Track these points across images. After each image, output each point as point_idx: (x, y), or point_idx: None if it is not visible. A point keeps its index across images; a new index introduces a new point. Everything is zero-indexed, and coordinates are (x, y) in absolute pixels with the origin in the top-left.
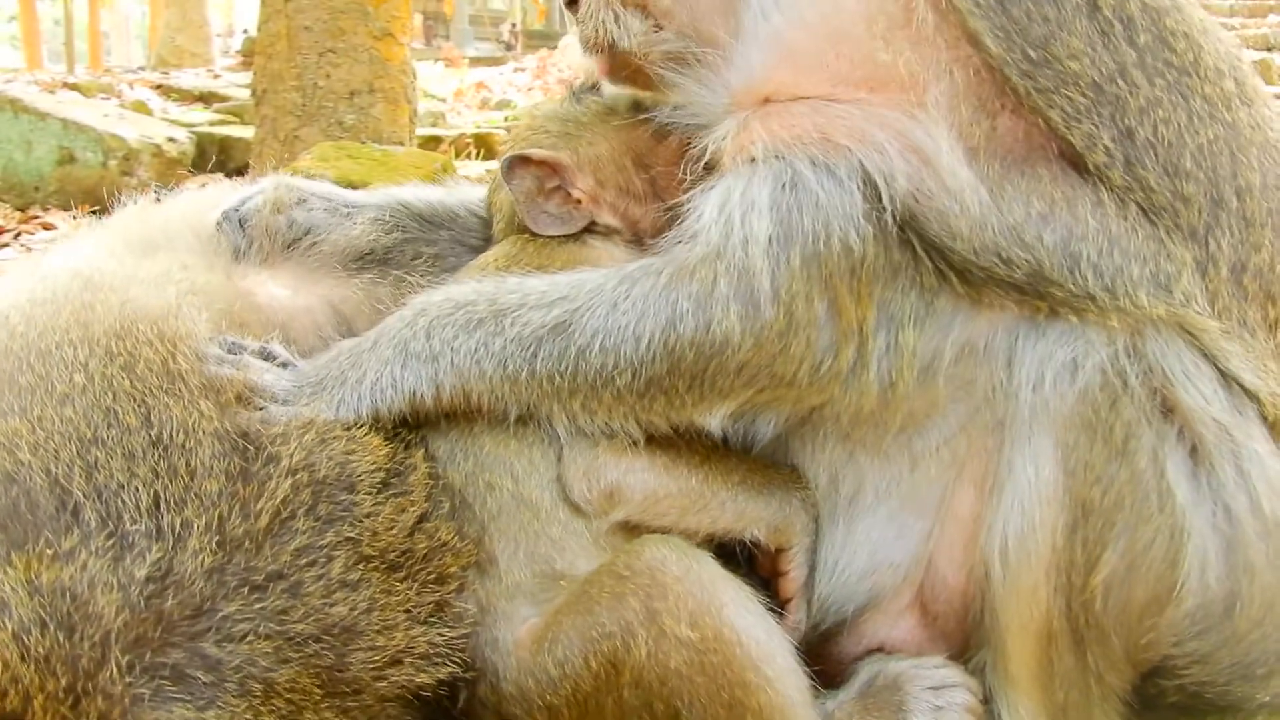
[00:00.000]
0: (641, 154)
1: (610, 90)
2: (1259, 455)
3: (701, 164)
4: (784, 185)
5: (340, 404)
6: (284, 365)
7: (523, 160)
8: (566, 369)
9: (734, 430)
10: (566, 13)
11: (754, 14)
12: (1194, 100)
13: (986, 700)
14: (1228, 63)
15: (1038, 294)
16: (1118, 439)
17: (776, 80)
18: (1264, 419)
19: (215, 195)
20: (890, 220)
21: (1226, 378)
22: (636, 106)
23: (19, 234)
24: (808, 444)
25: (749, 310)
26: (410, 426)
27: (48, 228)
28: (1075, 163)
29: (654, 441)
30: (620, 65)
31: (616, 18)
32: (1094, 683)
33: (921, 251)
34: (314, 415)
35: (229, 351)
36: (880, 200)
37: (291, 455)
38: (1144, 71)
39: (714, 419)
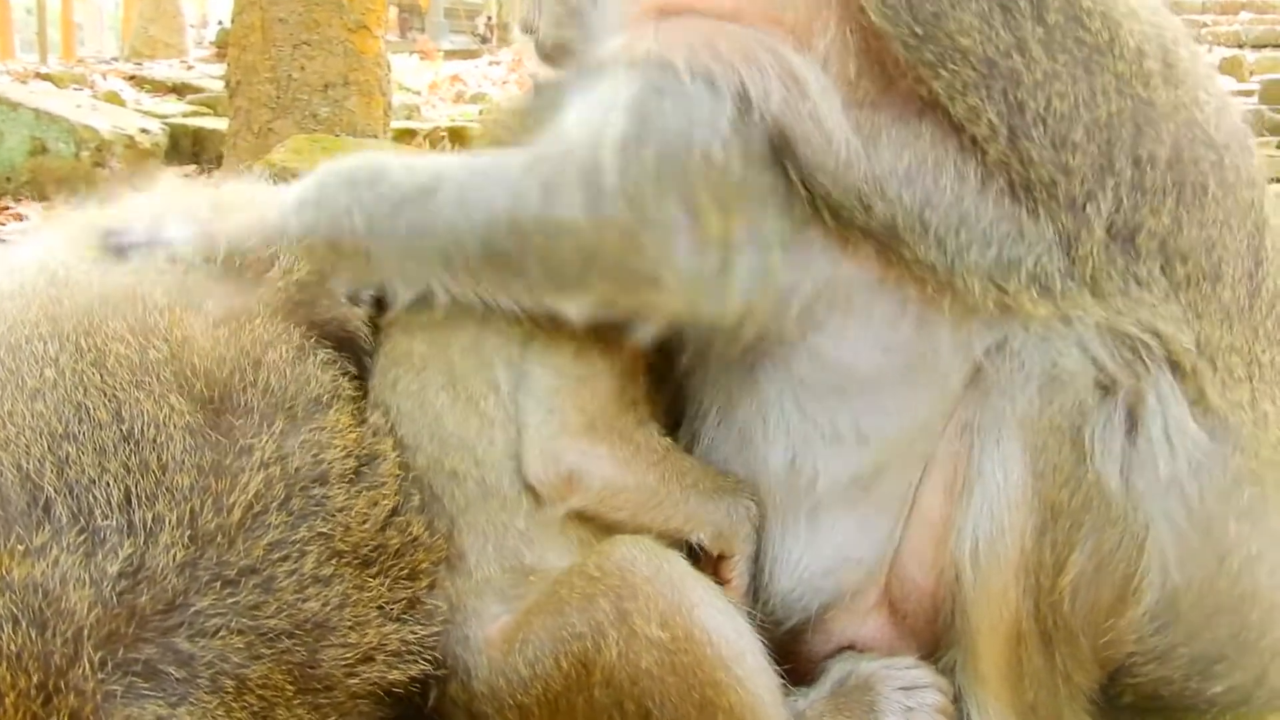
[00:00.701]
0: None
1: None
2: (1177, 422)
3: (589, 71)
4: (656, 89)
5: (241, 228)
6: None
7: None
8: (423, 230)
9: (602, 319)
10: None
11: None
12: (1100, 77)
13: (956, 699)
14: (1157, 45)
15: (891, 249)
16: (1084, 440)
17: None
18: (1174, 365)
19: (170, 198)
20: (761, 139)
21: (1130, 343)
22: None
23: None
24: (767, 423)
25: (594, 201)
26: (379, 411)
27: (19, 219)
28: (960, 130)
29: (614, 435)
30: (544, 47)
31: (539, 2)
32: (1062, 682)
33: (795, 180)
34: (209, 244)
35: (147, 232)
36: (751, 115)
37: (264, 448)
38: (1047, 47)
39: (573, 308)
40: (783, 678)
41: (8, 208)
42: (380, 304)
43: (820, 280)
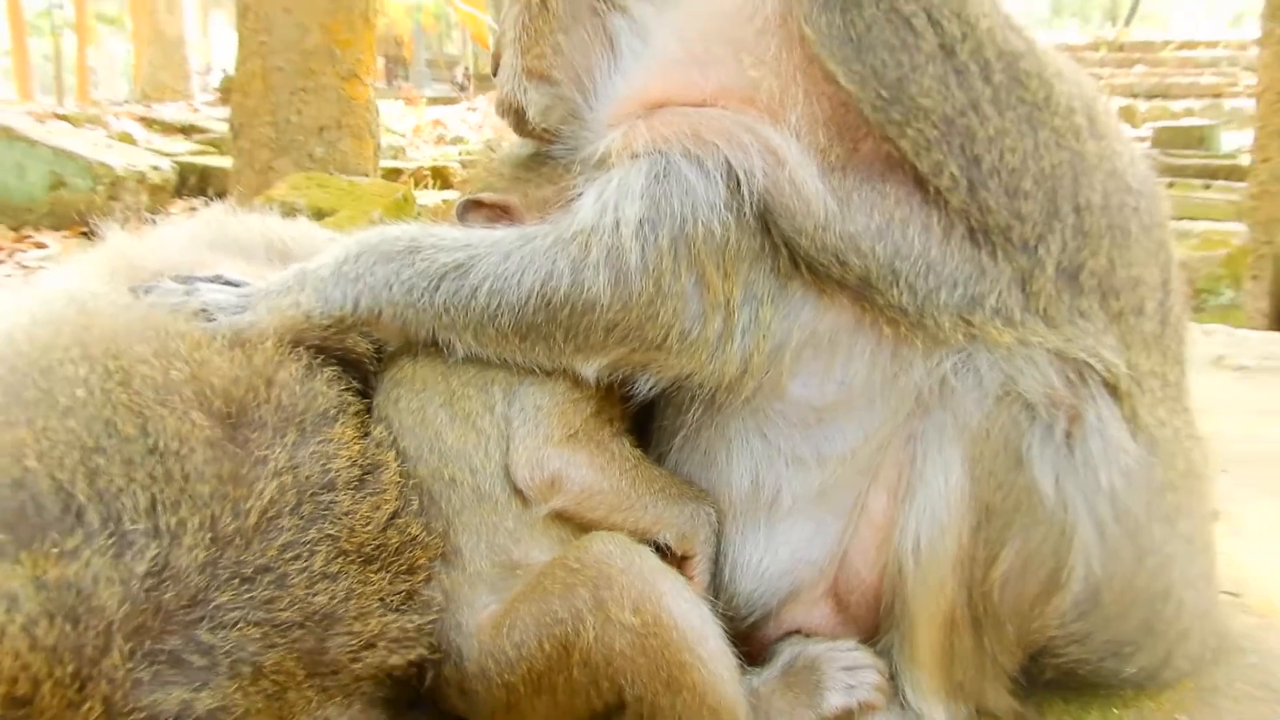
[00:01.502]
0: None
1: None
2: (1115, 438)
3: (593, 163)
4: (658, 174)
5: (276, 310)
6: (235, 285)
7: (476, 203)
8: (460, 304)
9: (611, 378)
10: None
11: (633, 48)
12: (1043, 131)
13: (892, 677)
14: (1081, 102)
15: (866, 298)
16: (1015, 446)
17: (657, 91)
18: (1110, 388)
19: (179, 232)
20: (749, 210)
21: (1076, 366)
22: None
23: (13, 253)
24: (730, 449)
25: (619, 279)
26: (381, 425)
27: (40, 246)
28: (923, 185)
29: (592, 444)
30: (527, 127)
31: (522, 86)
32: (988, 663)
33: (778, 241)
34: (254, 320)
35: (183, 285)
36: (740, 191)
37: (277, 458)
38: (996, 106)
39: (590, 369)
40: (739, 659)
41: (29, 236)
42: None
43: (804, 330)
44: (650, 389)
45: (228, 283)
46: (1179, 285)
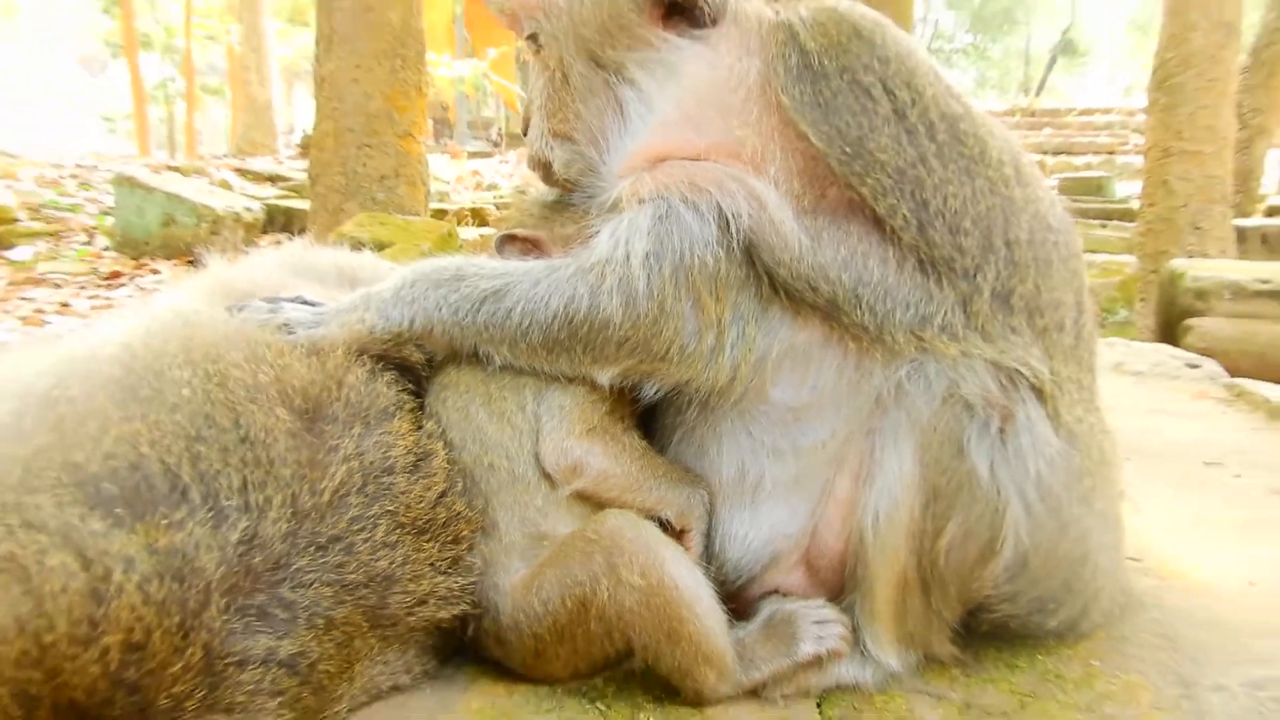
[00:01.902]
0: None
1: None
2: (1041, 433)
3: (607, 207)
4: (661, 216)
5: (345, 326)
6: (313, 305)
7: (511, 238)
8: (497, 323)
9: (623, 383)
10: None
11: (638, 113)
12: (979, 180)
13: (854, 630)
14: (1010, 155)
15: (833, 318)
16: (957, 439)
17: (660, 148)
18: (1036, 390)
19: (266, 261)
20: (737, 245)
21: (1009, 374)
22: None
23: (133, 277)
24: (721, 442)
25: (629, 302)
26: (432, 421)
27: (154, 272)
28: (880, 225)
29: (607, 437)
30: (553, 178)
31: (549, 145)
32: (934, 618)
33: (761, 271)
34: (327, 334)
35: (270, 304)
36: (729, 230)
37: (346, 447)
38: (940, 159)
39: (605, 376)
40: (728, 615)
41: (146, 264)
42: None
43: (783, 344)
44: (655, 393)
45: (306, 303)
46: (1089, 306)
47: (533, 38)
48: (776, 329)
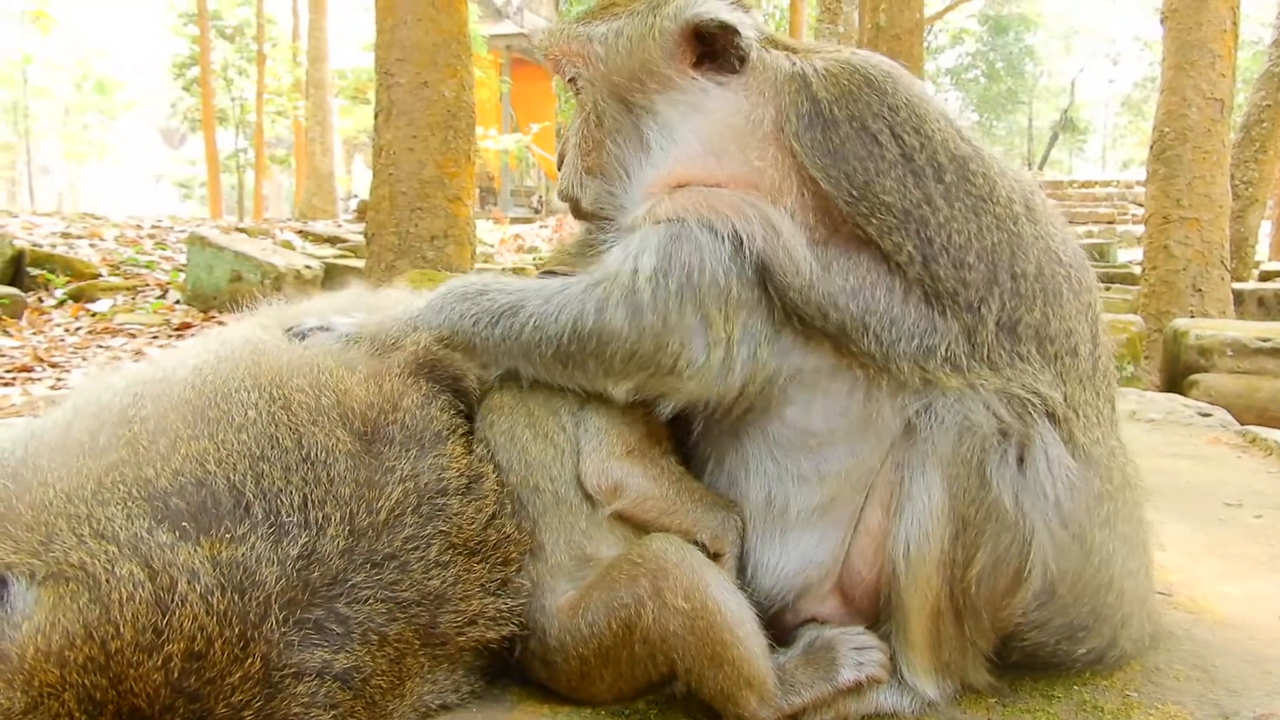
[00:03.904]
0: None
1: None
2: (1056, 457)
3: (624, 228)
4: (674, 235)
5: (384, 327)
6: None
7: (550, 274)
8: (513, 336)
9: (638, 399)
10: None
11: (662, 144)
12: (985, 217)
13: (891, 657)
14: (1020, 194)
15: (842, 345)
16: (982, 470)
17: (681, 174)
18: (1050, 415)
19: (320, 301)
20: (749, 266)
21: (1020, 402)
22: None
23: (202, 328)
24: (748, 468)
25: (633, 314)
26: (482, 444)
27: (221, 323)
28: (887, 258)
29: (645, 460)
30: (582, 212)
31: (581, 181)
32: (969, 647)
33: (774, 296)
34: (363, 330)
35: (318, 319)
36: (742, 250)
37: (402, 468)
38: (946, 199)
39: (619, 391)
40: (769, 640)
41: (214, 316)
42: None
43: (793, 367)
44: (670, 410)
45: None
46: (1106, 340)
47: (573, 81)
48: (788, 352)
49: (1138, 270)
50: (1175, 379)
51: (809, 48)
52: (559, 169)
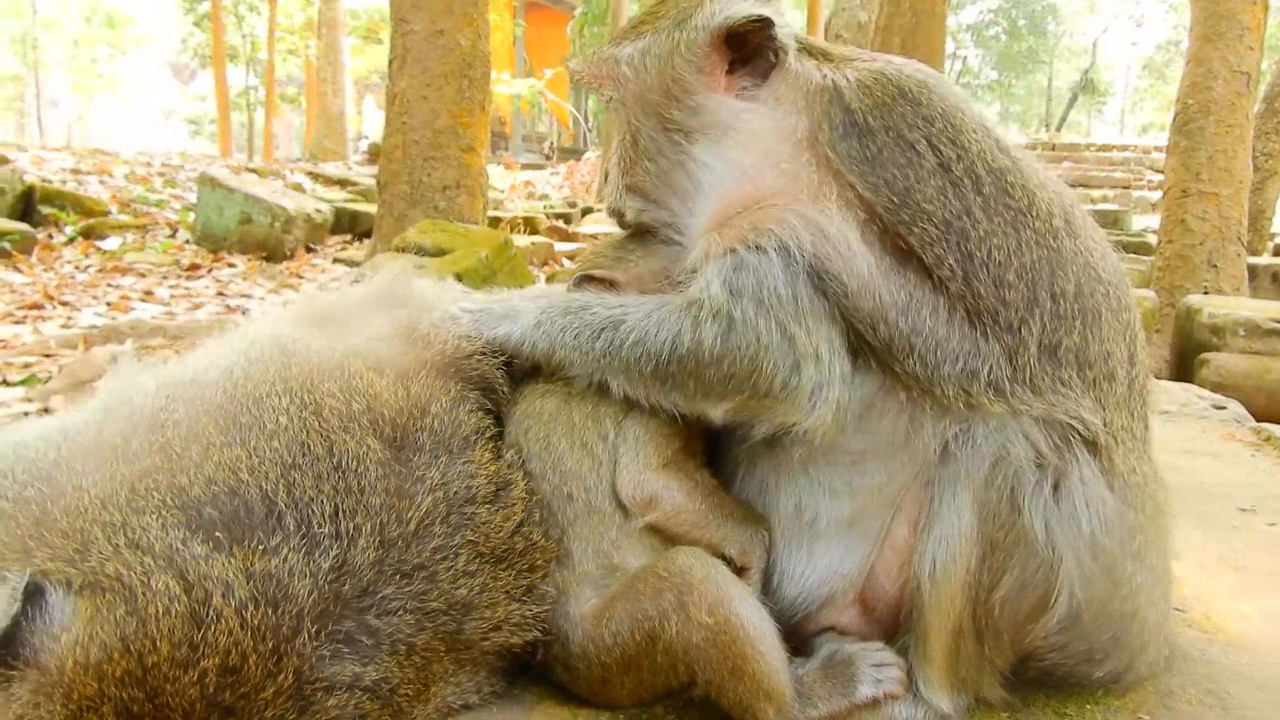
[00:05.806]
0: (661, 270)
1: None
2: (1095, 492)
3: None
4: (735, 265)
5: (495, 331)
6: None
7: (588, 278)
8: (613, 351)
9: (733, 421)
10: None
11: (703, 176)
12: (1025, 232)
13: (908, 673)
14: (1060, 207)
15: (888, 365)
16: (1014, 496)
17: (725, 208)
18: (1090, 444)
19: (355, 292)
20: (805, 273)
21: (1061, 429)
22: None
23: (211, 270)
24: (779, 479)
25: (726, 334)
26: (512, 450)
27: (231, 266)
28: (930, 275)
29: (681, 473)
30: (627, 224)
31: (623, 197)
32: (987, 664)
33: (834, 304)
34: (468, 328)
35: (449, 310)
36: (793, 259)
37: (432, 477)
38: (985, 212)
39: (717, 412)
40: (788, 652)
41: (223, 258)
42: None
43: (858, 387)
44: (761, 434)
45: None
46: (1144, 359)
47: (610, 102)
48: (862, 382)
49: (1153, 240)
50: (1186, 356)
51: (842, 56)
52: (604, 180)
